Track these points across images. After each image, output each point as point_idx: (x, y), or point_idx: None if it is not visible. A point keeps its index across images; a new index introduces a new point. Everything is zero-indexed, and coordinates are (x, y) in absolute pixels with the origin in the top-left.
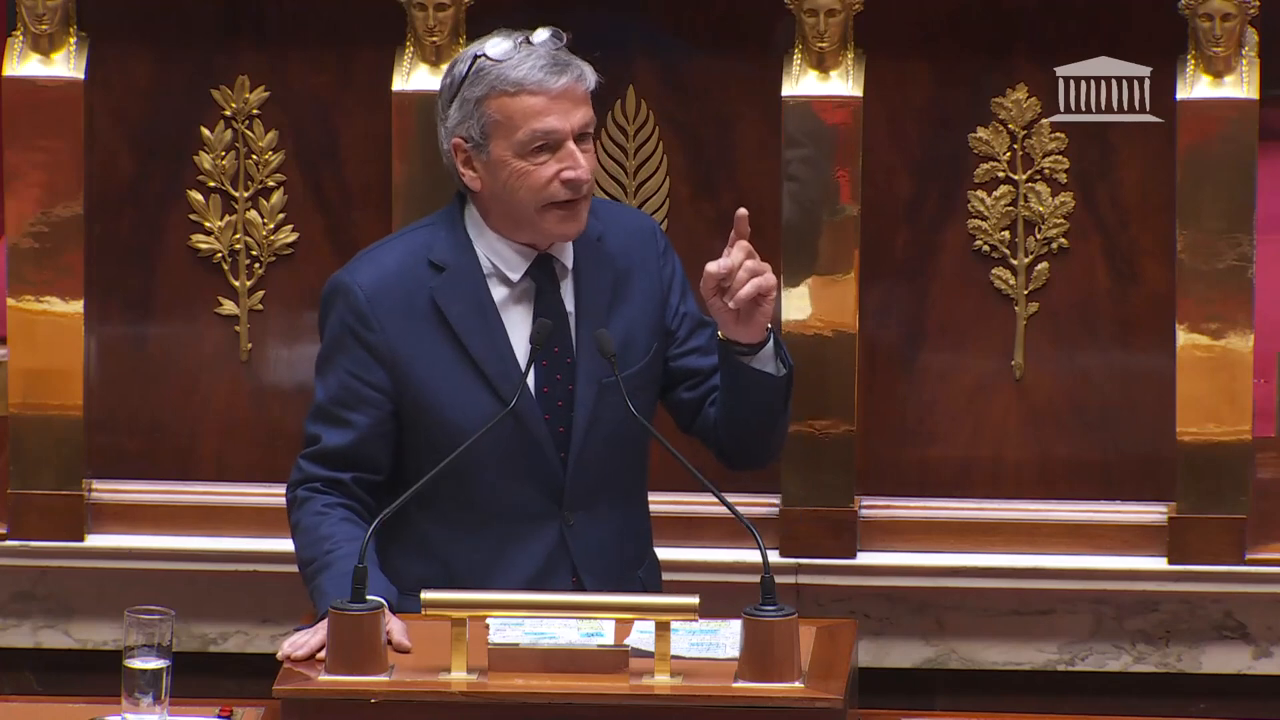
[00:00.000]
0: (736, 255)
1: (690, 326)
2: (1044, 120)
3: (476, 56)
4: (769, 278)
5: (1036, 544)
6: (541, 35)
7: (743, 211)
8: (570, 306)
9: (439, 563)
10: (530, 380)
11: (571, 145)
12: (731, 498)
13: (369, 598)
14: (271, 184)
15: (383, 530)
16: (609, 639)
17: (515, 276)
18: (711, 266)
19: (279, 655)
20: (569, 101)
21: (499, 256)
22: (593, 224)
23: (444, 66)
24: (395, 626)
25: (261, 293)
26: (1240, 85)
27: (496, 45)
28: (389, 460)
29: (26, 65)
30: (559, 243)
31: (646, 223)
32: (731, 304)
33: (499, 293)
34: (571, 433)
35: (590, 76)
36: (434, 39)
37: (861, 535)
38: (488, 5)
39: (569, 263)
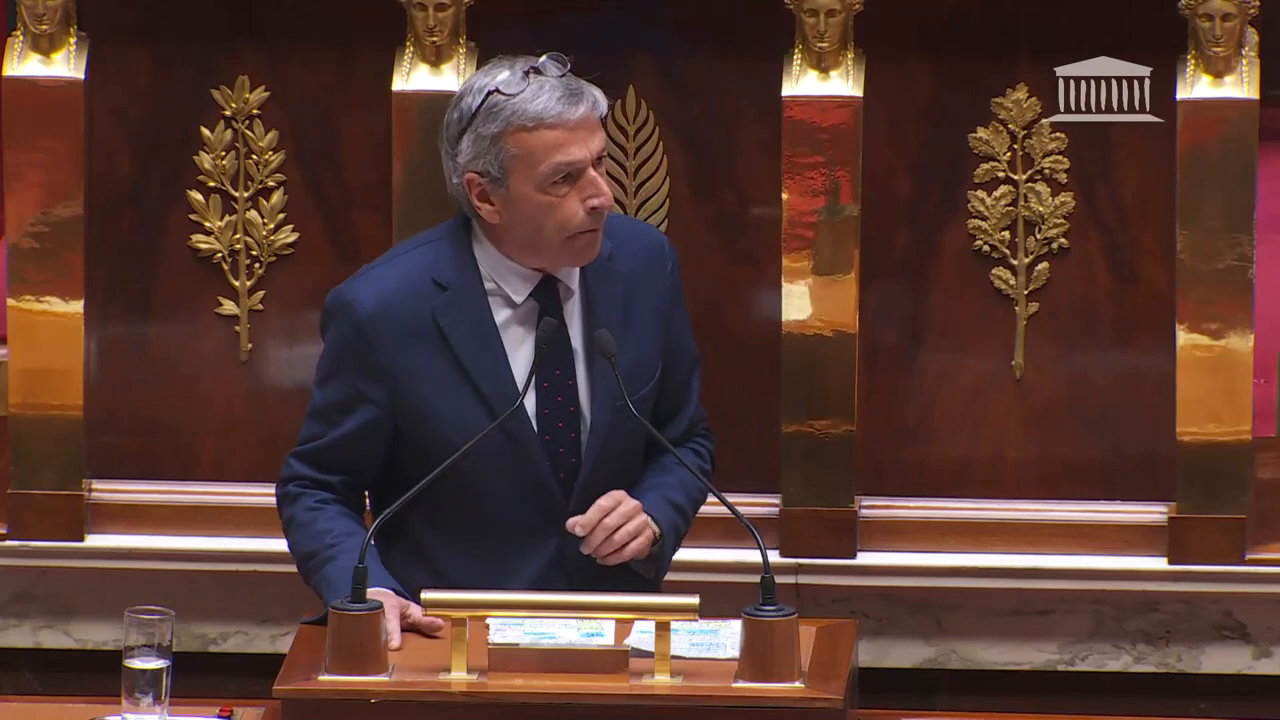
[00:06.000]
0: (592, 515)
1: (672, 353)
2: (1044, 120)
3: (489, 92)
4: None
5: (1036, 544)
6: (547, 63)
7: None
8: (577, 328)
9: (434, 572)
10: (530, 402)
11: (593, 172)
12: (731, 498)
13: (371, 595)
14: (271, 184)
15: (380, 537)
16: (609, 639)
17: (519, 298)
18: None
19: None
20: (586, 130)
21: (503, 278)
22: (604, 241)
23: (444, 66)
24: (414, 610)
25: (261, 293)
26: (1240, 85)
27: (507, 79)
28: (377, 469)
29: (26, 65)
30: (568, 267)
31: (656, 238)
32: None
33: (501, 314)
34: (575, 453)
35: (602, 101)
36: (434, 39)
37: (861, 535)
38: (488, 5)
39: (574, 284)
